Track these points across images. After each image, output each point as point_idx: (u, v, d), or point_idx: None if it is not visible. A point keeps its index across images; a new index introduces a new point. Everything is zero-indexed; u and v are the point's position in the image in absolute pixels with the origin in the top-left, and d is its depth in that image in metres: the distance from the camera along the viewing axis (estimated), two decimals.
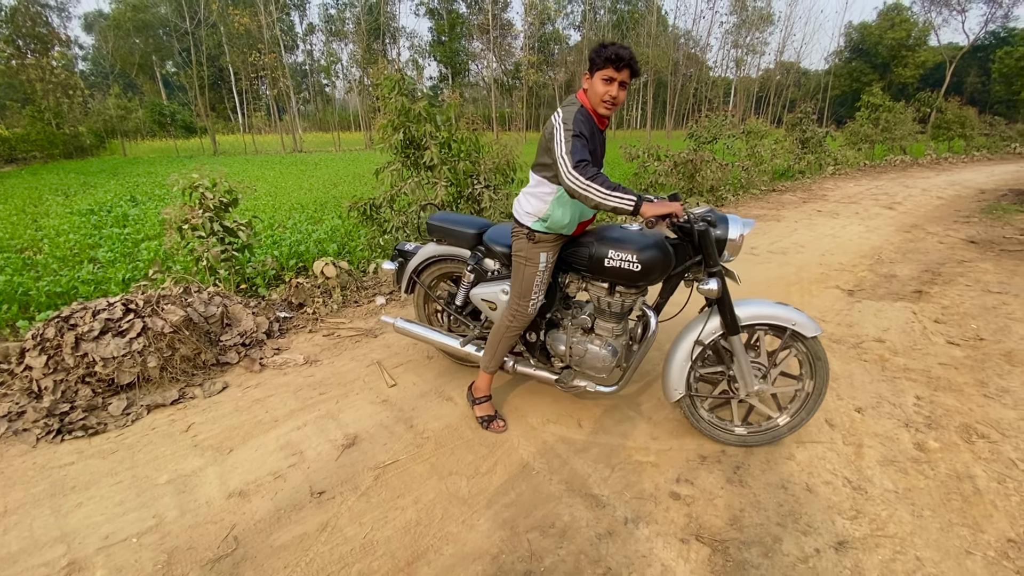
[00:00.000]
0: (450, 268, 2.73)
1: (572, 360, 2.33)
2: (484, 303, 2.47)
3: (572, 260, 2.21)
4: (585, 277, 2.25)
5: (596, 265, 2.11)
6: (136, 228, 6.32)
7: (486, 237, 2.48)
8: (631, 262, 2.02)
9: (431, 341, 2.71)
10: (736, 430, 2.25)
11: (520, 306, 2.20)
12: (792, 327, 2.07)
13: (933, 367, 2.92)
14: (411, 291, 2.85)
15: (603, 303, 2.21)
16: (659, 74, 36.04)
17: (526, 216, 2.10)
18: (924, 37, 37.87)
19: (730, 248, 2.03)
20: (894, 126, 16.51)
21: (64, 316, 2.68)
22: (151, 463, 2.15)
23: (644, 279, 2.06)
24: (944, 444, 2.25)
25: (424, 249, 2.72)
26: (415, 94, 5.08)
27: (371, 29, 32.77)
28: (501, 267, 2.46)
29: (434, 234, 2.65)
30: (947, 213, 7.58)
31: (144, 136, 29.91)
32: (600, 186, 1.78)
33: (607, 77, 1.88)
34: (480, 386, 2.43)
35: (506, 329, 2.26)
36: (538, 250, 2.12)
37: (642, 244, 2.03)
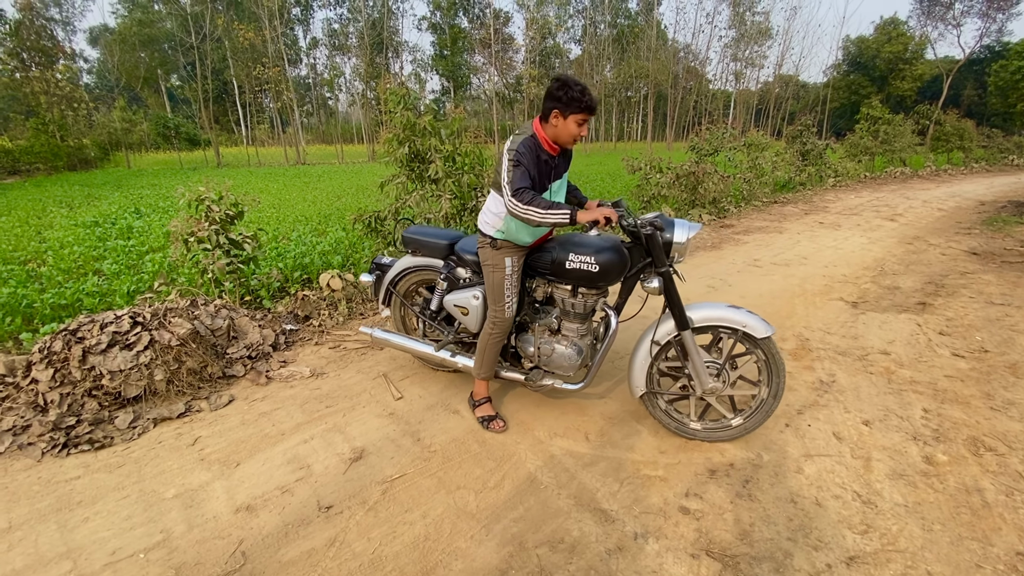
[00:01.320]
0: (424, 278, 2.88)
1: (540, 360, 2.47)
2: (457, 308, 2.59)
3: (537, 265, 2.38)
4: (550, 281, 2.41)
5: (558, 268, 2.29)
6: (140, 240, 6.35)
7: (457, 247, 2.65)
8: (590, 264, 2.20)
9: (407, 348, 2.83)
10: (691, 425, 2.37)
11: (497, 311, 2.36)
12: (743, 328, 2.19)
13: (939, 379, 2.92)
14: (388, 303, 2.98)
15: (567, 304, 2.37)
16: (659, 87, 36.40)
17: (487, 226, 2.30)
18: (921, 51, 38.32)
19: (677, 250, 2.18)
20: (893, 138, 16.62)
21: (71, 329, 2.69)
22: (158, 477, 2.15)
23: (603, 280, 2.24)
24: (952, 457, 2.24)
25: (400, 261, 2.88)
26: (419, 108, 5.14)
27: (374, 43, 33.17)
28: (472, 275, 2.62)
29: (409, 246, 2.82)
30: (948, 225, 7.60)
31: (148, 148, 30.14)
32: (536, 207, 2.00)
33: (582, 120, 2.08)
34: (478, 391, 2.58)
35: (490, 336, 2.41)
36: (502, 255, 2.29)
37: (599, 247, 2.21)
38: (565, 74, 2.11)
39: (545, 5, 37.41)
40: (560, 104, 2.04)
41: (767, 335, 2.18)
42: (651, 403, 2.40)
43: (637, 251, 2.25)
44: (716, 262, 5.59)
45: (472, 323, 2.56)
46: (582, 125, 2.09)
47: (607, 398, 2.76)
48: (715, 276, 5.01)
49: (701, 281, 4.84)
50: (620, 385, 2.87)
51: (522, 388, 2.85)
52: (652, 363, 2.32)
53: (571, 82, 2.04)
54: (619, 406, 2.68)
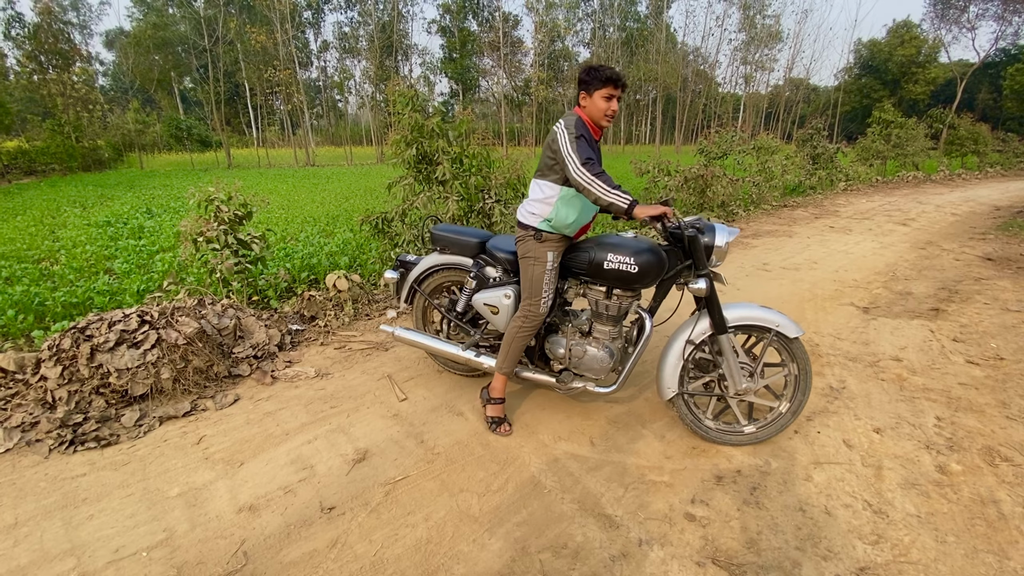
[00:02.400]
0: (450, 277, 2.84)
1: (571, 362, 2.43)
2: (486, 307, 2.54)
3: (572, 265, 2.35)
4: (584, 281, 2.39)
5: (596, 269, 2.26)
6: (151, 240, 6.41)
7: (490, 245, 2.62)
8: (629, 264, 2.18)
9: (431, 348, 2.78)
10: (746, 430, 2.35)
11: (532, 305, 2.32)
12: (776, 328, 2.23)
13: (953, 387, 2.86)
14: (410, 301, 2.93)
15: (601, 306, 2.34)
16: (668, 90, 36.28)
17: (532, 217, 2.27)
18: (934, 54, 37.86)
19: (717, 254, 2.20)
20: (906, 142, 16.42)
21: (80, 327, 2.71)
22: (162, 476, 2.15)
23: (640, 281, 2.23)
24: (967, 467, 2.19)
25: (427, 259, 2.83)
26: (428, 110, 5.15)
27: (384, 46, 33.37)
28: (503, 274, 2.60)
29: (438, 244, 2.77)
30: (962, 230, 7.49)
31: (161, 150, 30.52)
32: (603, 183, 2.00)
33: (608, 95, 2.12)
34: (496, 387, 2.50)
35: (519, 329, 2.36)
36: (545, 249, 2.27)
37: (638, 248, 2.20)
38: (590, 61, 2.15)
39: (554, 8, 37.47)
40: (584, 85, 2.14)
41: (797, 335, 2.24)
42: (685, 410, 2.37)
43: (674, 254, 2.26)
44: (724, 265, 5.54)
45: (501, 323, 2.50)
46: (610, 100, 2.13)
47: (612, 402, 2.73)
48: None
49: None
50: (624, 389, 2.84)
51: (525, 390, 2.83)
52: (685, 364, 2.31)
53: (593, 65, 2.14)
54: (624, 410, 2.65)
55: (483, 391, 2.58)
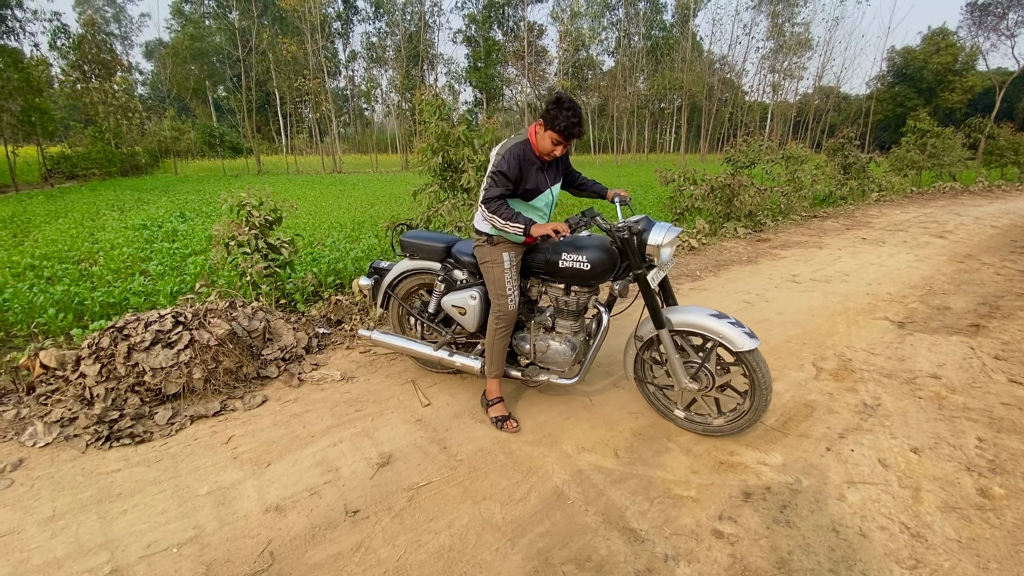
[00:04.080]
0: (422, 281, 2.94)
1: (536, 356, 2.59)
2: (454, 308, 2.67)
3: (532, 265, 2.51)
4: (544, 280, 2.53)
5: (552, 267, 2.41)
6: (184, 243, 6.62)
7: (455, 250, 2.74)
8: (581, 263, 2.32)
9: (406, 349, 2.90)
10: (675, 412, 2.52)
11: (500, 304, 2.44)
12: (718, 339, 2.25)
13: (995, 407, 2.74)
14: (386, 306, 3.06)
15: (561, 302, 2.49)
16: (693, 99, 35.98)
17: (483, 223, 2.42)
18: (972, 62, 36.68)
19: (652, 251, 2.28)
20: (942, 152, 15.89)
21: (119, 327, 2.80)
22: (193, 473, 2.20)
23: (594, 278, 2.35)
24: (1010, 491, 2.09)
25: (398, 265, 2.96)
26: (453, 119, 5.21)
27: (410, 56, 33.99)
28: (469, 276, 2.71)
29: (407, 250, 2.91)
30: (1003, 243, 7.20)
31: (194, 156, 31.57)
32: (498, 216, 2.23)
33: (556, 140, 2.21)
34: (491, 390, 2.61)
35: (495, 331, 2.48)
36: (500, 251, 2.41)
37: (589, 246, 2.34)
38: (564, 93, 2.21)
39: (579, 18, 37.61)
40: (546, 118, 2.20)
41: (746, 348, 2.20)
42: (642, 388, 2.64)
43: (624, 253, 2.36)
44: (752, 276, 5.43)
45: (469, 323, 2.65)
46: (556, 145, 2.23)
47: (637, 413, 2.69)
48: (751, 291, 4.87)
49: (737, 296, 4.71)
50: None
51: (548, 400, 2.81)
52: (637, 355, 2.54)
53: (562, 101, 2.14)
54: (649, 422, 2.61)
55: (482, 398, 2.68)
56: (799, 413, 2.69)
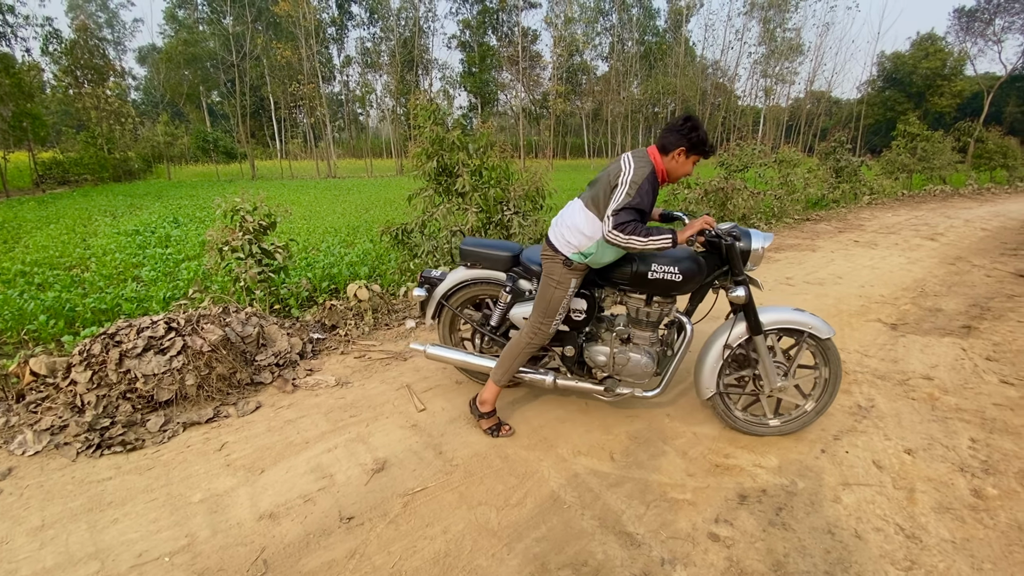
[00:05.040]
0: (480, 291, 2.78)
1: (614, 369, 2.44)
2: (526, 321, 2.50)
3: (613, 276, 2.37)
4: (623, 290, 2.43)
5: (639, 279, 2.31)
6: (177, 248, 6.58)
7: (524, 258, 2.58)
8: (673, 273, 2.26)
9: (466, 364, 2.73)
10: (771, 423, 2.49)
11: (543, 324, 2.34)
12: (808, 330, 2.34)
13: (987, 407, 2.76)
14: (437, 317, 2.87)
15: (641, 313, 2.41)
16: (687, 103, 36.20)
17: (566, 246, 2.23)
18: (960, 67, 37.16)
19: (752, 259, 2.30)
20: (932, 155, 16.08)
21: (110, 333, 2.78)
22: (185, 481, 2.18)
23: (683, 288, 2.30)
24: (1003, 491, 2.10)
25: (454, 274, 2.78)
26: (448, 123, 5.22)
27: (405, 61, 34.04)
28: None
29: (467, 259, 2.72)
30: (993, 245, 7.28)
31: (188, 161, 31.41)
32: (637, 236, 2.04)
33: (697, 161, 2.21)
34: (488, 399, 2.49)
35: (526, 345, 2.38)
36: (571, 276, 2.27)
37: (680, 257, 2.29)
38: (693, 115, 2.18)
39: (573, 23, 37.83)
40: (688, 143, 2.11)
41: (829, 336, 2.33)
42: (722, 408, 2.49)
43: (711, 260, 2.34)
44: None
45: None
46: (695, 164, 2.23)
47: (633, 416, 2.69)
48: None
49: None
50: (645, 406, 2.80)
51: (544, 404, 2.81)
52: (723, 366, 2.40)
53: (699, 125, 2.13)
54: (645, 425, 2.61)
55: (472, 405, 2.55)
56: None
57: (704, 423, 2.63)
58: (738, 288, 2.26)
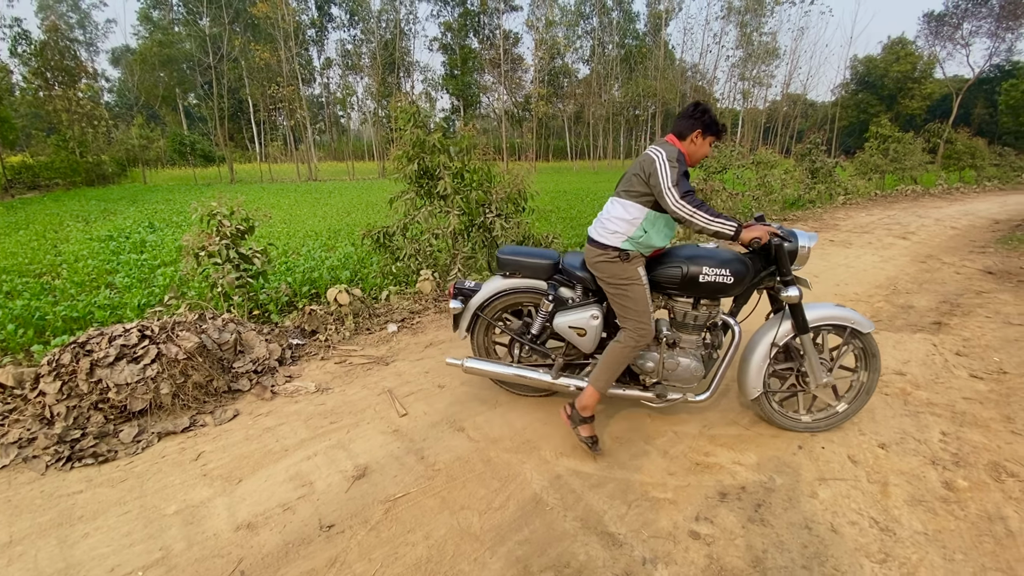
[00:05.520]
0: (517, 301, 2.71)
1: (664, 375, 2.44)
2: (572, 330, 2.47)
3: (660, 280, 2.36)
4: (670, 295, 2.42)
5: (690, 282, 2.30)
6: (153, 254, 6.44)
7: (566, 265, 2.54)
8: (724, 276, 2.27)
9: (509, 376, 2.65)
10: (803, 419, 2.55)
11: (641, 326, 2.26)
12: (852, 326, 2.41)
13: (957, 401, 2.84)
14: (471, 329, 2.78)
15: (688, 317, 2.40)
16: (667, 106, 36.66)
17: (612, 236, 2.24)
18: (929, 70, 38.33)
19: (799, 259, 2.33)
20: (903, 156, 16.56)
21: (80, 342, 2.70)
22: (160, 492, 2.13)
23: (732, 290, 2.31)
24: (973, 483, 2.17)
25: (491, 284, 2.69)
26: (429, 126, 5.20)
27: (386, 63, 33.85)
28: (582, 294, 2.54)
29: (506, 268, 2.65)
30: (962, 243, 7.50)
31: (164, 165, 30.76)
32: (705, 213, 2.07)
33: (712, 143, 2.27)
34: (589, 404, 2.36)
35: (632, 349, 2.30)
36: (635, 267, 2.26)
37: (729, 259, 2.30)
38: (701, 101, 2.23)
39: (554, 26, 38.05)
40: (702, 125, 2.21)
41: (870, 330, 2.42)
42: (763, 403, 2.51)
43: (756, 261, 2.36)
44: None
45: (588, 344, 2.47)
46: (712, 147, 2.30)
47: (615, 417, 2.71)
48: None
49: None
50: (627, 406, 2.82)
51: (525, 405, 2.81)
52: (769, 365, 2.43)
53: (709, 108, 2.23)
54: (627, 425, 2.63)
55: (571, 411, 2.40)
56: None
57: (685, 422, 2.66)
58: (790, 288, 2.28)
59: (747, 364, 2.44)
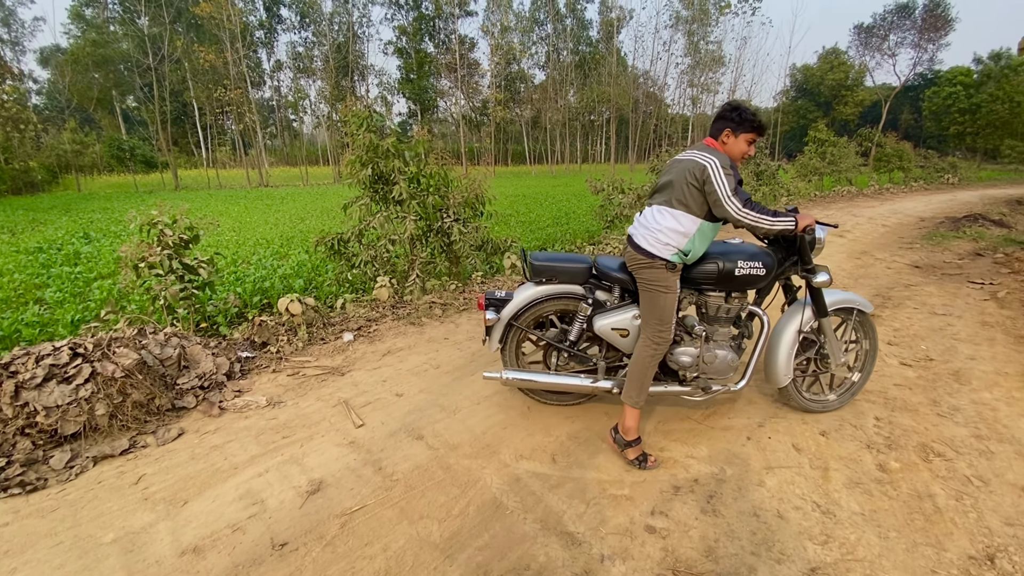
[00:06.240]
0: (553, 307, 2.65)
1: (703, 368, 2.50)
2: (614, 332, 2.49)
3: (696, 277, 2.42)
4: (703, 290, 2.49)
5: (725, 276, 2.39)
6: (88, 266, 6.05)
7: (602, 268, 2.55)
8: (757, 268, 2.40)
9: (552, 385, 2.62)
10: (830, 398, 2.77)
11: (662, 331, 2.30)
12: (857, 307, 2.64)
13: (889, 388, 3.04)
14: (503, 341, 2.69)
15: (721, 311, 2.49)
16: (621, 111, 37.59)
17: (664, 248, 2.24)
18: (861, 78, 40.98)
19: (816, 249, 2.48)
20: (839, 159, 17.62)
21: (4, 363, 2.51)
22: (96, 520, 2.00)
23: (763, 282, 2.44)
24: (904, 464, 2.32)
25: (525, 292, 2.62)
26: (384, 130, 5.14)
27: (339, 66, 33.17)
28: (619, 295, 2.56)
29: (542, 274, 2.60)
30: (892, 240, 8.04)
31: (101, 171, 28.96)
32: (766, 216, 2.19)
33: (751, 140, 2.25)
34: (632, 426, 2.35)
35: (652, 357, 2.32)
36: (675, 278, 2.30)
37: (757, 252, 2.43)
38: (736, 100, 2.24)
39: (509, 32, 38.35)
40: (732, 124, 2.23)
41: (871, 311, 2.71)
42: (792, 391, 2.67)
43: (778, 253, 2.49)
44: None
45: (629, 345, 2.50)
46: (751, 144, 2.26)
47: (573, 417, 2.74)
48: None
49: None
50: (585, 405, 2.86)
51: (486, 408, 2.81)
52: (797, 351, 2.59)
53: (742, 106, 2.24)
54: (584, 425, 2.67)
55: (614, 434, 2.42)
56: (722, 408, 2.85)
57: (640, 418, 2.72)
58: (820, 274, 2.43)
59: (775, 353, 2.57)
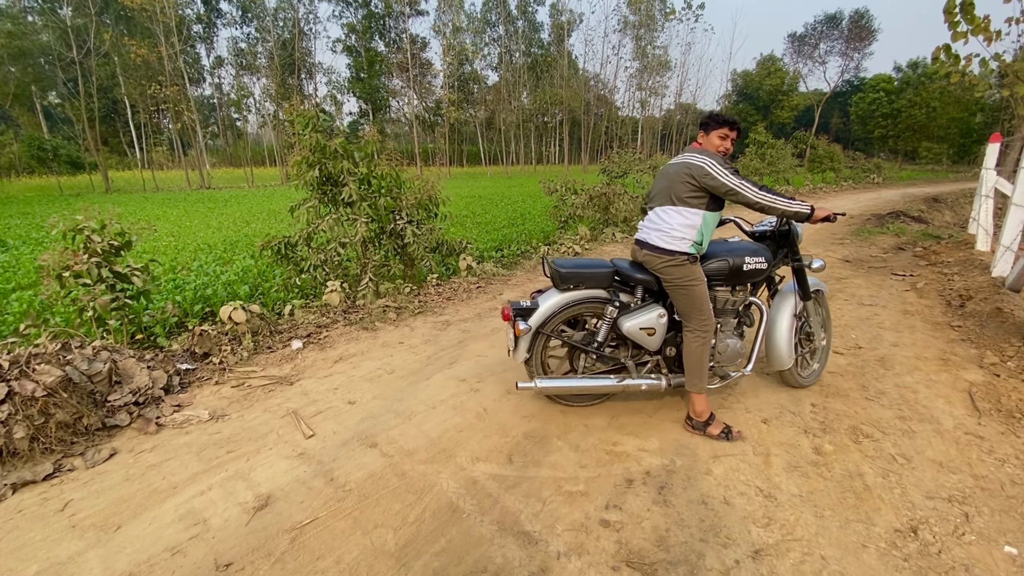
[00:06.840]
0: (576, 313, 2.69)
1: (716, 358, 2.70)
2: (642, 332, 2.58)
3: (708, 275, 2.57)
4: (713, 287, 2.64)
5: (735, 272, 2.62)
6: (5, 277, 5.56)
7: (626, 271, 2.64)
8: (761, 262, 2.65)
9: (588, 389, 2.68)
10: (815, 367, 3.11)
11: (705, 319, 2.48)
12: (821, 288, 3.04)
13: (824, 376, 3.23)
14: (530, 350, 2.66)
15: (729, 303, 2.70)
16: (573, 113, 38.20)
17: (680, 243, 2.43)
18: (795, 84, 43.48)
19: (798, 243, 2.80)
20: (777, 160, 18.63)
21: None
22: (16, 553, 1.84)
23: (765, 274, 2.70)
24: (837, 446, 2.47)
25: (552, 300, 2.63)
26: (332, 130, 5.00)
27: (285, 64, 32.03)
28: (643, 295, 2.68)
29: (569, 281, 2.62)
30: (825, 236, 8.56)
31: (20, 173, 26.69)
32: (781, 197, 2.40)
33: (722, 135, 2.49)
34: (703, 409, 2.56)
35: (702, 345, 2.49)
36: (698, 267, 2.49)
37: (758, 248, 2.69)
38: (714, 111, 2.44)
39: (461, 32, 38.22)
40: (703, 127, 2.55)
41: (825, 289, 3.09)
42: (794, 371, 2.92)
43: (771, 247, 2.78)
44: None
45: (656, 343, 2.62)
46: (724, 139, 2.49)
47: (529, 417, 2.76)
48: None
49: None
50: (540, 403, 2.89)
51: (441, 413, 2.78)
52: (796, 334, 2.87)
53: (714, 112, 2.57)
54: (540, 424, 2.69)
55: (689, 421, 2.61)
56: (670, 400, 2.94)
57: (594, 415, 2.78)
58: (815, 261, 2.82)
59: (776, 339, 2.80)
